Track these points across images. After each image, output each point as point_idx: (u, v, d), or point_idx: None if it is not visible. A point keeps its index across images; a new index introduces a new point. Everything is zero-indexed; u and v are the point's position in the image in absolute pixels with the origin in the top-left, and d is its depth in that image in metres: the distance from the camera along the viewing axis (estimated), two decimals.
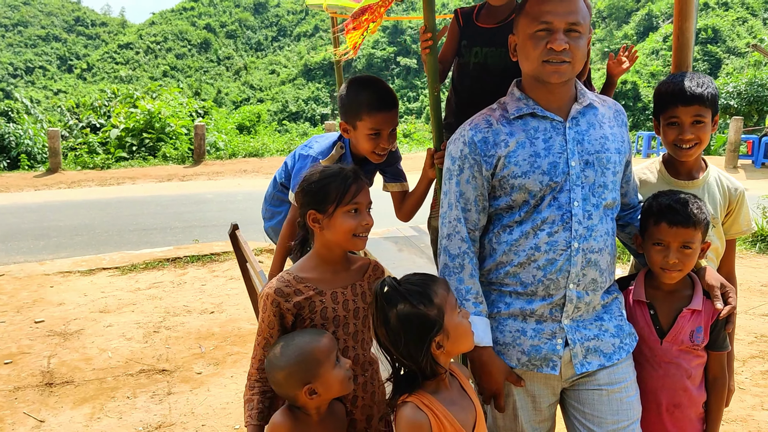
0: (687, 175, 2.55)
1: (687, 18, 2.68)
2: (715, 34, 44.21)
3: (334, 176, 2.14)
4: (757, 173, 14.17)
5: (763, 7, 47.58)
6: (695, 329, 2.24)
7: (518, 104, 2.12)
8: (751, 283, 6.38)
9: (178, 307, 5.87)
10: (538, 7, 2.02)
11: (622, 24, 52.24)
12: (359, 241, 2.15)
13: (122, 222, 9.82)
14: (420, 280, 1.90)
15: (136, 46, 58.34)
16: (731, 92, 19.32)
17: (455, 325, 1.87)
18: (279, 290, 2.09)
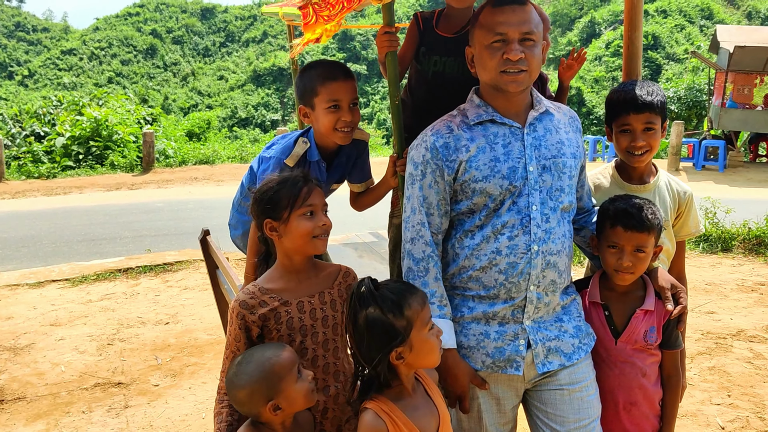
0: (639, 179, 2.64)
1: (636, 28, 2.78)
2: (655, 40, 45.51)
3: (283, 182, 2.14)
4: (698, 175, 14.66)
5: (699, 15, 49.21)
6: (648, 329, 2.32)
7: (478, 111, 2.18)
8: (696, 282, 6.60)
9: (131, 319, 5.77)
10: (492, 18, 2.08)
11: (566, 31, 53.32)
12: (319, 242, 2.14)
13: (70, 233, 9.58)
14: (397, 289, 1.91)
15: (80, 52, 56.85)
16: (672, 97, 19.97)
17: (422, 340, 1.88)
18: (243, 302, 2.09)
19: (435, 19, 2.86)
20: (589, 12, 52.74)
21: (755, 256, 7.55)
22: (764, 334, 5.26)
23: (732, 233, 7.87)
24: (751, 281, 6.65)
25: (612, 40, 44.15)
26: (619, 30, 44.81)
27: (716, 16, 49.25)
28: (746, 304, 5.96)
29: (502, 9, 2.08)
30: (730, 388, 4.38)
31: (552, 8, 55.83)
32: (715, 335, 5.25)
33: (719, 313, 5.74)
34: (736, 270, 7.06)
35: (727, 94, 15.46)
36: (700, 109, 19.42)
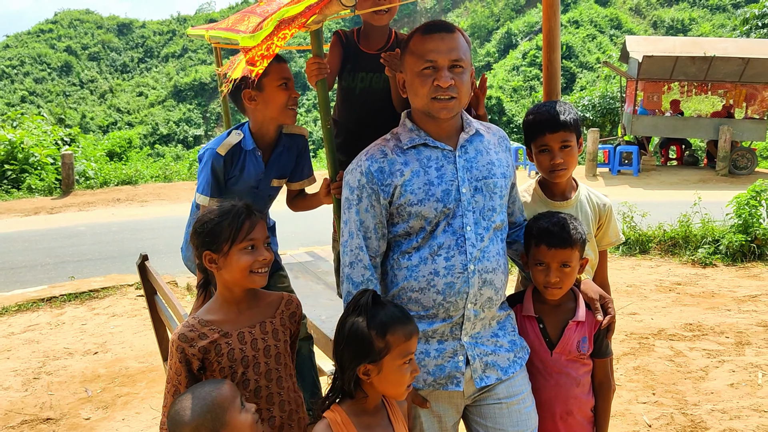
0: (561, 195, 2.76)
1: (554, 49, 2.92)
2: (569, 50, 47.14)
3: (225, 214, 2.14)
4: (614, 180, 15.26)
5: (609, 25, 51.31)
6: (581, 339, 2.43)
7: (411, 135, 2.24)
8: (618, 284, 6.88)
9: (58, 350, 5.57)
10: (422, 46, 2.16)
11: (484, 42, 54.59)
12: (257, 277, 2.15)
13: None
14: (392, 313, 1.97)
15: None
16: (586, 105, 20.69)
17: (393, 368, 1.93)
18: (183, 335, 2.08)
19: (356, 37, 2.95)
20: (505, 23, 54.19)
21: (671, 257, 7.94)
22: (683, 332, 5.54)
23: (649, 236, 8.25)
24: (669, 281, 6.98)
25: (528, 50, 45.56)
26: (535, 40, 46.30)
27: (624, 25, 51.47)
28: (665, 304, 6.26)
29: (432, 36, 2.16)
30: (654, 386, 4.60)
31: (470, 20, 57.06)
32: (638, 335, 5.49)
33: (641, 314, 6.01)
34: (654, 271, 7.41)
35: (638, 102, 16.18)
36: (614, 116, 20.23)
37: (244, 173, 2.78)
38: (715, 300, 6.37)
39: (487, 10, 58.13)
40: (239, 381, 2.12)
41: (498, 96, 39.18)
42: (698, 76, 15.54)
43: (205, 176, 2.76)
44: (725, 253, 7.66)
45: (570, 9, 53.39)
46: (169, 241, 9.97)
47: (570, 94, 28.61)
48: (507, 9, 57.05)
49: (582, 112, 20.73)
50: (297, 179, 3.03)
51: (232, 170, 2.78)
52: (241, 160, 2.77)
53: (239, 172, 2.79)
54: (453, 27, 2.23)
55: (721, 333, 5.51)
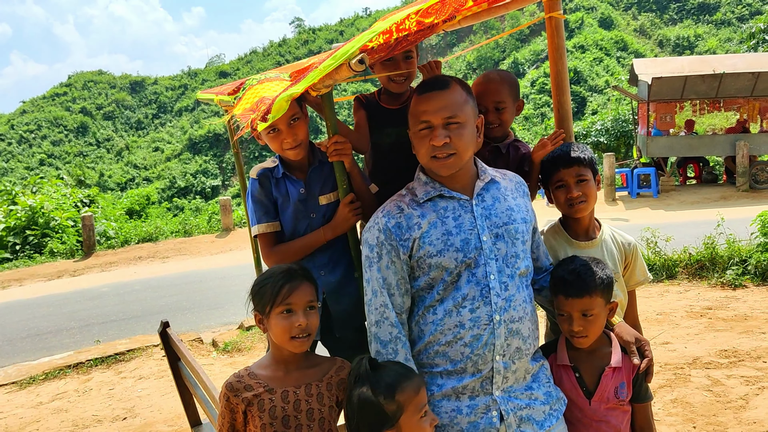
0: (585, 235, 2.72)
1: (564, 92, 2.91)
2: (577, 75, 47.38)
3: (271, 277, 2.18)
4: (635, 203, 15.14)
5: (615, 47, 51.56)
6: (619, 385, 2.36)
7: (426, 188, 2.23)
8: (647, 313, 6.76)
9: (87, 418, 5.55)
10: (417, 107, 2.20)
11: None
12: (297, 342, 2.15)
13: (12, 329, 9.19)
14: (395, 372, 1.96)
15: (8, 137, 55.68)
16: (599, 130, 20.67)
17: (412, 426, 1.92)
18: (230, 385, 2.15)
19: (377, 96, 2.99)
20: (511, 54, 54.67)
21: (699, 281, 7.80)
22: (719, 360, 5.40)
23: (675, 260, 8.12)
24: (699, 306, 6.85)
25: (536, 78, 45.82)
26: (542, 68, 46.64)
27: (630, 47, 51.69)
28: (697, 331, 6.13)
29: (425, 96, 2.18)
30: (694, 419, 4.46)
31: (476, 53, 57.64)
32: (673, 366, 5.36)
33: (674, 343, 5.88)
34: (683, 296, 7.27)
35: (651, 123, 16.13)
36: (628, 138, 20.18)
37: (290, 197, 2.72)
38: (749, 323, 6.22)
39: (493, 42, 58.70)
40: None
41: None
42: (709, 93, 15.50)
43: (250, 206, 2.75)
44: (754, 273, 7.51)
45: (575, 34, 53.79)
46: (192, 296, 10.01)
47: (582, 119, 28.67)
48: (512, 39, 57.56)
49: (596, 136, 20.73)
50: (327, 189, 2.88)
51: (275, 193, 2.72)
52: (281, 185, 2.73)
53: (283, 198, 2.73)
54: (447, 83, 2.21)
55: (758, 358, 5.37)
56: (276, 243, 2.71)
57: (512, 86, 2.89)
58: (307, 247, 2.67)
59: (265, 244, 2.70)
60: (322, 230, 2.66)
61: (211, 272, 11.58)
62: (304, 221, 2.70)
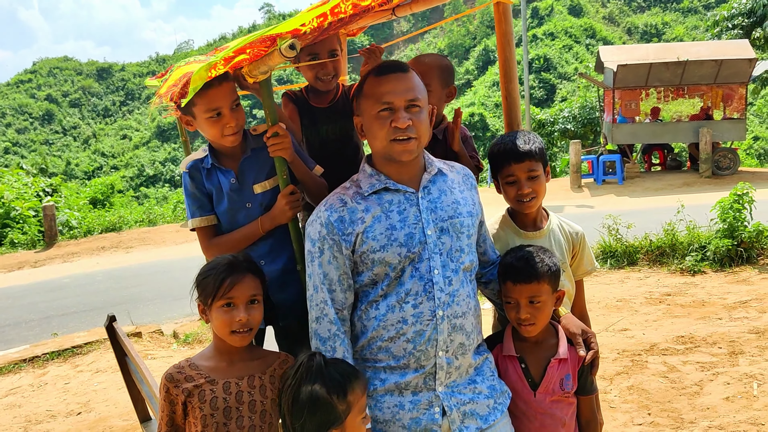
0: (533, 225, 2.70)
1: (511, 80, 2.88)
2: (547, 62, 47.68)
3: (214, 268, 2.14)
4: (600, 190, 15.28)
5: (584, 35, 51.95)
6: (564, 377, 2.34)
7: (371, 180, 2.18)
8: (608, 300, 6.81)
9: (40, 413, 5.43)
10: (377, 88, 2.11)
11: (463, 60, 55.17)
12: (237, 337, 2.12)
13: None
14: (345, 371, 1.94)
15: None
16: (567, 117, 20.81)
17: (355, 426, 1.92)
18: (169, 375, 2.11)
19: (305, 94, 2.96)
20: (482, 41, 54.80)
21: (660, 267, 7.88)
22: (675, 346, 5.46)
23: (636, 246, 8.19)
24: (658, 292, 6.92)
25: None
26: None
27: (599, 34, 52.13)
28: (656, 317, 6.19)
29: (386, 78, 2.12)
30: (649, 405, 4.50)
31: (447, 40, 57.71)
32: (630, 353, 5.40)
33: (632, 330, 5.93)
34: (643, 283, 7.34)
35: (616, 110, 16.26)
36: (595, 125, 20.34)
37: (222, 188, 2.63)
38: (706, 309, 6.30)
39: (463, 28, 58.77)
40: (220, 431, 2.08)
41: (480, 112, 39.50)
42: (673, 81, 15.66)
43: (186, 199, 2.67)
44: (713, 259, 7.61)
45: (545, 22, 54.12)
46: (155, 287, 9.87)
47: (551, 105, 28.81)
48: (482, 26, 57.72)
49: (563, 123, 20.85)
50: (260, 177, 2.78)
51: (208, 186, 2.64)
52: (212, 175, 2.64)
53: (217, 189, 2.65)
54: (407, 66, 2.19)
55: (713, 344, 5.43)
56: (213, 236, 2.64)
57: (442, 71, 2.85)
58: (246, 238, 2.60)
59: (203, 237, 2.64)
60: (259, 221, 2.59)
61: (176, 262, 11.41)
62: (241, 211, 2.62)
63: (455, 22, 58.98)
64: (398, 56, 56.75)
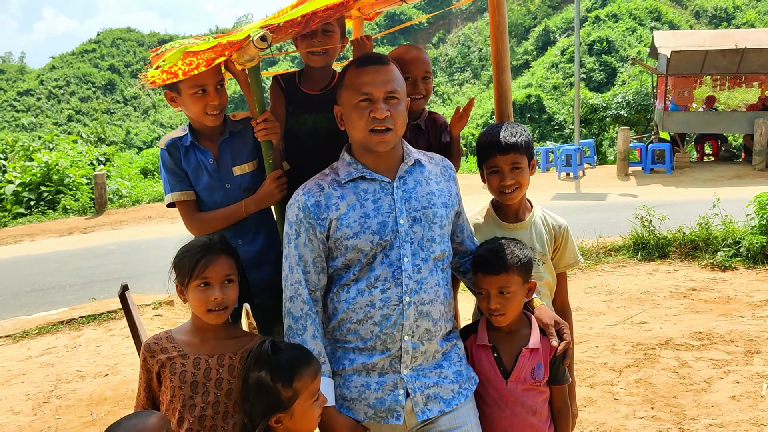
0: (514, 217, 2.74)
1: (503, 71, 2.90)
2: (609, 44, 46.42)
3: (190, 250, 2.24)
4: (647, 179, 14.95)
5: (649, 17, 50.33)
6: (536, 366, 2.39)
7: (348, 169, 2.26)
8: (631, 291, 6.74)
9: (70, 373, 5.73)
10: (357, 79, 2.19)
11: (522, 41, 54.16)
12: (212, 315, 2.22)
13: (18, 284, 9.46)
14: (294, 357, 2.02)
15: (37, 92, 56.30)
16: (621, 102, 20.32)
17: (304, 410, 1.99)
18: (147, 346, 2.24)
19: (297, 79, 2.93)
20: (542, 21, 53.67)
21: (691, 261, 7.73)
22: (691, 341, 5.39)
23: (668, 239, 8.05)
24: (684, 287, 6.81)
25: (567, 47, 44.95)
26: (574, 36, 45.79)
27: (665, 17, 50.39)
28: (677, 312, 6.11)
29: (366, 69, 2.19)
30: (653, 400, 4.49)
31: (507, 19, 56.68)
32: (644, 346, 5.37)
33: (650, 323, 5.87)
34: (671, 276, 7.23)
35: (668, 98, 15.83)
36: (649, 112, 19.81)
37: (200, 167, 2.74)
38: (730, 306, 6.18)
39: (524, 8, 57.64)
40: (186, 404, 2.19)
41: (537, 94, 38.86)
42: (730, 69, 15.13)
43: (163, 175, 2.79)
44: (746, 255, 7.42)
45: (608, 2, 52.59)
46: None
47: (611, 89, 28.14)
48: (544, 6, 56.48)
49: (616, 109, 20.37)
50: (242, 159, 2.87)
51: (186, 164, 2.74)
52: (191, 154, 2.74)
53: (194, 168, 2.75)
54: (387, 59, 2.26)
55: (730, 341, 5.35)
56: (195, 211, 2.75)
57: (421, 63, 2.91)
58: (228, 218, 2.72)
59: (185, 212, 2.75)
60: (243, 203, 2.69)
61: None
62: (219, 191, 2.73)
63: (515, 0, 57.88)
64: (456, 34, 56.18)
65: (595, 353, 5.29)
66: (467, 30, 56.70)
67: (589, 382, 4.79)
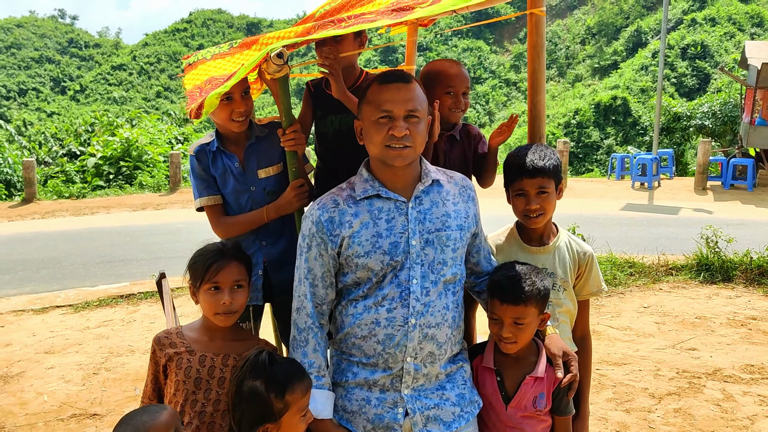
0: (538, 241, 2.70)
1: (539, 91, 2.85)
2: (704, 49, 44.56)
3: (203, 254, 2.33)
4: (726, 195, 14.32)
5: (749, 23, 47.98)
6: (538, 395, 2.36)
7: (365, 186, 2.26)
8: (686, 315, 6.50)
9: (122, 347, 5.98)
10: (378, 96, 2.19)
11: (612, 40, 52.67)
12: (221, 318, 2.31)
13: (89, 254, 9.92)
14: (289, 372, 2.06)
15: (129, 67, 58.73)
16: (706, 112, 19.51)
17: (292, 424, 2.03)
18: (158, 339, 2.34)
19: (324, 83, 3.00)
20: (635, 21, 52.04)
21: (756, 287, 7.38)
22: (741, 374, 5.17)
23: (734, 262, 7.71)
24: (743, 315, 6.51)
25: (658, 50, 43.40)
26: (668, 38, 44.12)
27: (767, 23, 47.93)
28: (731, 341, 5.86)
29: (388, 87, 2.19)
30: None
31: (597, 18, 55.23)
32: (690, 374, 5.18)
33: (700, 350, 5.65)
34: (731, 302, 6.92)
35: (756, 111, 15.09)
36: (736, 125, 18.95)
37: (227, 171, 2.85)
38: None
39: (617, 7, 55.99)
40: (188, 399, 2.28)
41: (624, 96, 37.81)
42: None
43: (192, 181, 2.92)
44: None
45: (707, 6, 50.47)
46: None
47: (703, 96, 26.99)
48: (637, 6, 54.73)
49: (701, 119, 19.58)
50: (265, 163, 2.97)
51: (213, 169, 2.85)
52: (218, 159, 2.85)
53: (221, 173, 2.85)
54: (410, 77, 2.25)
55: None
56: (222, 215, 2.84)
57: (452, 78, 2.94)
58: (251, 223, 2.80)
59: (211, 216, 2.85)
60: (265, 209, 2.77)
61: None
62: (244, 194, 2.82)
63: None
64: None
65: (637, 377, 5.15)
66: (555, 27, 55.55)
67: (626, 407, 4.66)
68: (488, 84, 49.27)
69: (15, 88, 57.13)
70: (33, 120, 47.50)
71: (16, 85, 57.60)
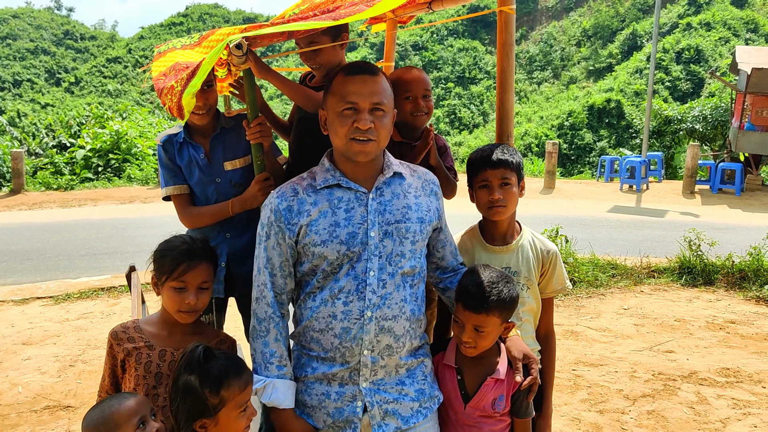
0: (501, 240, 2.70)
1: (507, 90, 2.85)
2: (698, 53, 44.67)
3: (171, 249, 2.31)
4: (713, 198, 14.37)
5: (744, 28, 48.11)
6: (497, 397, 2.36)
7: (326, 175, 2.25)
8: (665, 317, 6.52)
9: (100, 339, 5.96)
10: (344, 87, 2.17)
11: (607, 43, 52.71)
12: (183, 315, 2.31)
13: (74, 246, 9.88)
14: (224, 366, 2.04)
15: (125, 60, 58.48)
16: (697, 116, 19.57)
17: (230, 419, 2.02)
18: (114, 333, 2.33)
19: (309, 77, 3.04)
20: (630, 24, 52.11)
21: (737, 291, 7.40)
22: (716, 377, 5.19)
23: (716, 266, 7.73)
24: (723, 318, 6.53)
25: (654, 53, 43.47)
26: (662, 42, 44.19)
27: (762, 29, 48.08)
28: (708, 344, 5.88)
29: (354, 78, 2.17)
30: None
31: (593, 20, 55.27)
32: (666, 376, 5.19)
33: (677, 353, 5.67)
34: (711, 306, 6.95)
35: (745, 116, 15.14)
36: (726, 129, 19.01)
37: (192, 162, 2.87)
38: (766, 344, 5.90)
39: (612, 9, 56.05)
40: (149, 394, 2.27)
41: (618, 99, 37.86)
42: None
43: (160, 170, 2.93)
44: None
45: (702, 10, 50.60)
46: None
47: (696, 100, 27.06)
48: (633, 9, 54.79)
49: (691, 123, 19.64)
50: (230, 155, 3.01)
51: (179, 159, 2.87)
52: (184, 150, 2.87)
53: (186, 163, 2.87)
54: (376, 69, 2.24)
55: (759, 381, 5.11)
56: (188, 205, 2.84)
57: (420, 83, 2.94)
58: (216, 215, 2.80)
59: (178, 205, 2.86)
60: (230, 203, 2.76)
61: None
62: (210, 186, 2.82)
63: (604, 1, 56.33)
64: (539, 31, 55.10)
65: (613, 378, 5.16)
66: (551, 28, 55.57)
67: (600, 408, 4.67)
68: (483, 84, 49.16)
69: (10, 79, 56.79)
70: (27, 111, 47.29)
71: (11, 75, 57.26)
